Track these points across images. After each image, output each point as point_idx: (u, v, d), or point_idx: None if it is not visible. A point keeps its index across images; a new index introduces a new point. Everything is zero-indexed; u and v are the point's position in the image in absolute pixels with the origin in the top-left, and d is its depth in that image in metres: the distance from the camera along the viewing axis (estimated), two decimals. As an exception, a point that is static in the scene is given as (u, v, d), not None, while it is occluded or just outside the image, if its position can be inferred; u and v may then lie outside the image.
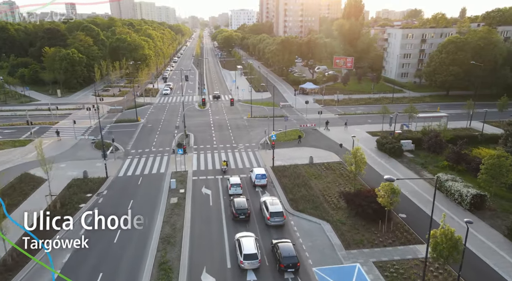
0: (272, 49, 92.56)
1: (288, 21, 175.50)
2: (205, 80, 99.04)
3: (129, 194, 32.48)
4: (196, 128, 53.64)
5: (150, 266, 22.85)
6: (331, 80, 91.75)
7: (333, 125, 53.82)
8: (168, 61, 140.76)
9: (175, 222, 28.07)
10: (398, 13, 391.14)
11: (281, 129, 50.47)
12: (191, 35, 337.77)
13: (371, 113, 60.91)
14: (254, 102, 68.78)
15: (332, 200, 31.27)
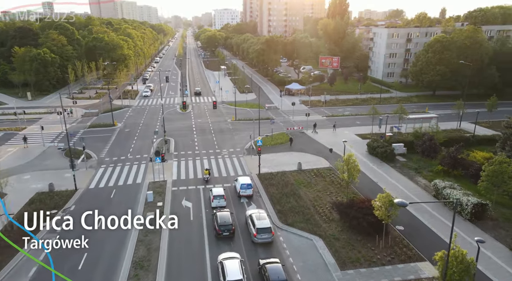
0: (256, 48, 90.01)
1: (272, 20, 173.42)
2: (187, 81, 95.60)
3: (99, 210, 29.11)
4: (177, 133, 50.48)
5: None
6: (317, 80, 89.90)
7: (321, 127, 51.64)
8: (149, 61, 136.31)
9: (150, 241, 25.06)
10: (380, 13, 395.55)
11: (268, 134, 47.96)
12: (174, 35, 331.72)
13: (359, 115, 59.09)
14: (239, 104, 66.02)
15: (324, 211, 28.88)
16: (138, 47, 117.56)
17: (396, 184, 33.66)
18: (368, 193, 31.62)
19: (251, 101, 70.00)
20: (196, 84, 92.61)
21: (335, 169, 36.70)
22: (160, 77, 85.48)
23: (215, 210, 28.36)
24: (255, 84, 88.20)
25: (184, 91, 75.03)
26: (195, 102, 70.92)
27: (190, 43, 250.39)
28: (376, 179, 34.81)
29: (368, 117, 53.37)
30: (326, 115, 59.19)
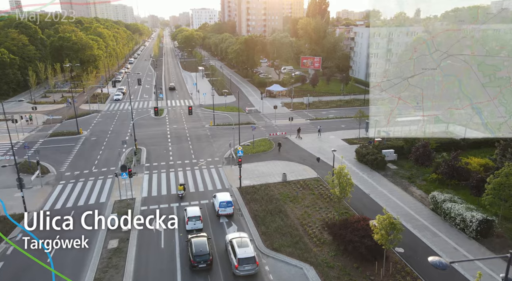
0: (235, 48, 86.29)
1: (251, 20, 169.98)
2: (163, 83, 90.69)
3: (52, 239, 24.73)
4: (150, 141, 46.15)
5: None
6: (299, 81, 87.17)
7: (305, 132, 48.61)
8: (122, 62, 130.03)
9: (111, 279, 20.99)
10: (358, 14, 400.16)
11: (249, 140, 44.47)
12: (150, 34, 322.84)
13: (344, 117, 56.45)
14: (217, 107, 62.18)
15: (314, 231, 25.62)
16: (110, 48, 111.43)
17: (389, 196, 30.87)
18: (361, 209, 28.66)
19: (230, 104, 66.31)
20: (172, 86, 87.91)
21: (323, 180, 33.65)
22: (135, 78, 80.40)
23: (190, 234, 24.60)
24: (235, 86, 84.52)
25: (159, 94, 70.33)
26: (171, 106, 66.46)
27: (167, 43, 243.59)
28: (368, 191, 31.92)
29: (354, 120, 50.92)
30: (310, 119, 56.25)
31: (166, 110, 62.74)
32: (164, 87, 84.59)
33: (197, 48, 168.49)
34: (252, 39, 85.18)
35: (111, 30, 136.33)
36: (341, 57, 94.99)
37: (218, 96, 73.51)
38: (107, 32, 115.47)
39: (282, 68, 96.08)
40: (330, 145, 43.63)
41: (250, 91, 79.05)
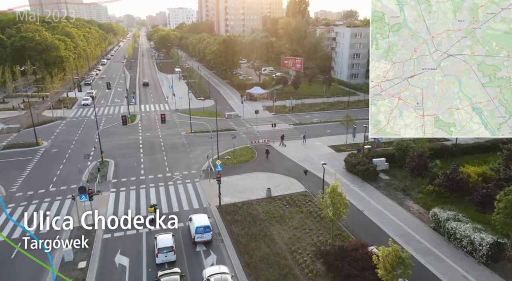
0: (213, 49, 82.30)
1: (229, 19, 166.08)
2: (136, 87, 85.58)
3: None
4: (120, 152, 41.73)
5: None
6: (280, 82, 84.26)
7: (289, 138, 45.46)
8: (94, 64, 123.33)
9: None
10: (335, 14, 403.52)
11: (228, 150, 40.90)
12: (125, 34, 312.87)
13: (329, 122, 53.69)
14: (195, 112, 58.20)
15: (305, 260, 22.30)
16: (80, 48, 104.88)
17: (385, 213, 28.02)
18: (356, 229, 25.62)
19: (209, 108, 62.41)
20: (147, 89, 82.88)
21: (312, 195, 30.50)
22: (105, 81, 75.12)
23: (161, 270, 20.81)
24: (213, 88, 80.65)
25: (131, 99, 65.43)
26: (145, 111, 61.80)
27: (143, 44, 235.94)
28: (361, 206, 28.98)
29: (339, 124, 48.27)
30: (293, 123, 53.12)
31: (140, 116, 58.07)
32: (138, 91, 79.64)
33: (174, 49, 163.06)
34: (231, 39, 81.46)
35: (81, 30, 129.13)
36: (322, 57, 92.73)
37: (195, 100, 69.42)
38: (76, 32, 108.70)
39: (263, 69, 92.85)
40: (316, 153, 40.64)
41: (230, 94, 75.34)
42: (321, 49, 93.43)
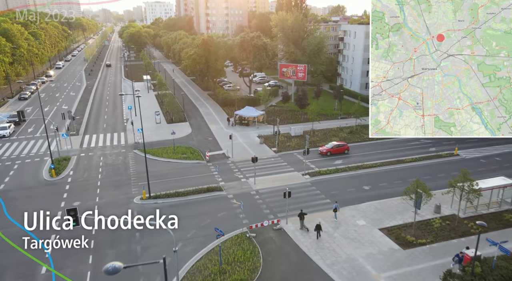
0: (190, 53, 63.43)
1: (211, 15, 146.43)
2: (89, 102, 65.69)
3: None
4: (3, 256, 22.79)
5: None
6: (276, 94, 66.49)
7: (308, 204, 27.70)
8: (46, 67, 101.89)
9: None
10: (321, 10, 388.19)
11: (212, 247, 22.68)
12: (97, 30, 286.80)
13: (361, 167, 36.00)
14: (162, 150, 39.84)
15: None
16: (22, 49, 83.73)
17: None
18: None
19: (182, 139, 44.07)
20: (101, 106, 63.03)
21: None
22: (59, 91, 55.10)
23: None
24: (191, 104, 62.05)
25: (64, 133, 44.16)
26: (87, 148, 42.27)
27: (115, 41, 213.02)
28: None
29: (383, 174, 31.25)
30: (309, 172, 35.10)
31: (75, 158, 38.46)
32: (88, 108, 60.01)
33: (148, 48, 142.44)
34: (213, 40, 62.71)
35: (33, 26, 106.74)
36: (326, 62, 75.23)
37: (165, 125, 50.89)
38: (19, 29, 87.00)
39: (252, 76, 74.54)
40: (367, 252, 22.99)
41: (212, 114, 56.80)
42: (325, 51, 75.79)
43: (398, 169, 35.63)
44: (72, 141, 42.45)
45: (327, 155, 39.51)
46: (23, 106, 60.31)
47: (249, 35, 63.28)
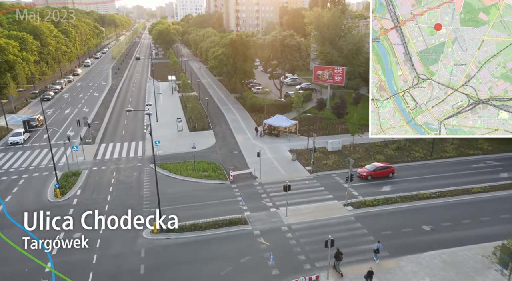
0: (217, 54, 58.77)
1: (241, 11, 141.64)
2: (111, 105, 62.72)
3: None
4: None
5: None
6: (309, 99, 60.51)
7: (349, 249, 22.00)
8: (75, 66, 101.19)
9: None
10: (354, 5, 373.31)
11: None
12: (130, 27, 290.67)
13: (415, 200, 29.70)
14: (181, 164, 35.43)
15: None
16: (51, 47, 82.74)
17: None
18: None
19: (205, 153, 39.41)
20: (123, 110, 59.58)
21: None
22: (82, 92, 52.52)
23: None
24: (216, 109, 57.49)
25: (75, 145, 40.43)
26: (101, 160, 38.42)
27: (145, 38, 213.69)
28: None
29: (439, 209, 25.06)
30: (352, 202, 29.23)
31: (86, 173, 34.76)
32: (110, 109, 56.90)
33: (177, 45, 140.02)
34: (242, 40, 57.67)
35: (63, 24, 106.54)
36: (364, 64, 68.10)
37: (187, 133, 46.62)
38: (48, 27, 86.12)
39: (283, 77, 68.90)
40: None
41: (239, 121, 51.85)
42: (364, 51, 68.72)
43: (464, 202, 28.97)
44: (86, 150, 38.92)
45: (368, 179, 33.44)
46: (45, 107, 58.12)
47: (282, 34, 57.63)
